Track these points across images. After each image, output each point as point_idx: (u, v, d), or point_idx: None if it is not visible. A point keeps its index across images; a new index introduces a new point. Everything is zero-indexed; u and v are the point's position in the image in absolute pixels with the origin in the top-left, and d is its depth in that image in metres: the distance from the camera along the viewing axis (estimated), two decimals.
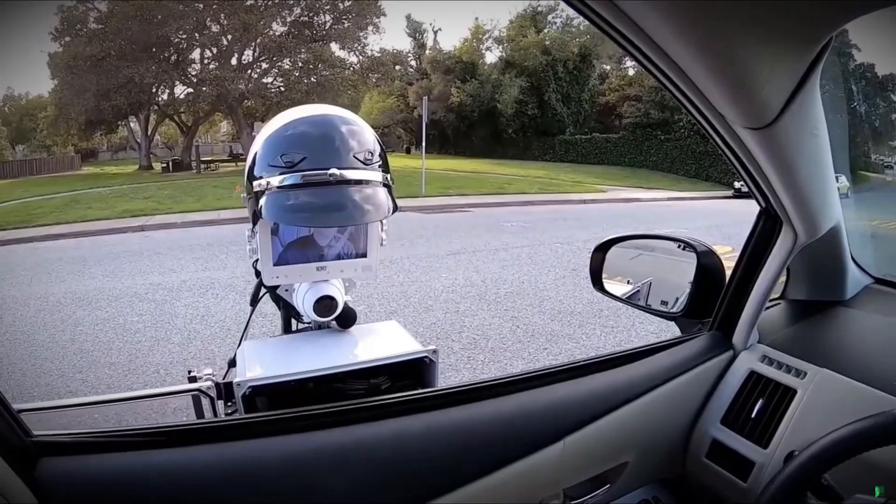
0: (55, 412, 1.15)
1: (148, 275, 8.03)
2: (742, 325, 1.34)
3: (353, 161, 1.20)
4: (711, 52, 0.67)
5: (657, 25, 0.66)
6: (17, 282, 7.89)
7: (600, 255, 1.62)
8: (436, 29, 51.38)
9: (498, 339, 5.27)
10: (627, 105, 34.75)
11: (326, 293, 1.31)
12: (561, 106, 36.78)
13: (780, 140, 0.87)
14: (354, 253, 1.37)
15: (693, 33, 0.64)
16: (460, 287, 7.12)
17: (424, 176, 18.52)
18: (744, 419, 1.24)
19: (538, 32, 37.62)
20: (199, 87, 30.01)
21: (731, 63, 0.68)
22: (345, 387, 1.22)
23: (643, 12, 0.64)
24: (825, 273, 1.43)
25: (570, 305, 6.35)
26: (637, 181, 26.06)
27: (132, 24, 27.04)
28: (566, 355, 4.88)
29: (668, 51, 0.71)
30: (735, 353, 1.35)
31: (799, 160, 0.95)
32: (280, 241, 1.31)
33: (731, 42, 0.64)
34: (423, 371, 1.30)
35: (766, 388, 1.25)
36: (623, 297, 1.61)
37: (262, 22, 28.90)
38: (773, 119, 0.80)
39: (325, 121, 1.26)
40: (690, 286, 1.42)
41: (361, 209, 1.18)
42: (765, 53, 0.66)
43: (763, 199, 1.13)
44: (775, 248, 1.23)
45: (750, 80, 0.72)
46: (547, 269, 8.09)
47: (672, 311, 1.49)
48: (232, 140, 44.44)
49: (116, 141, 53.38)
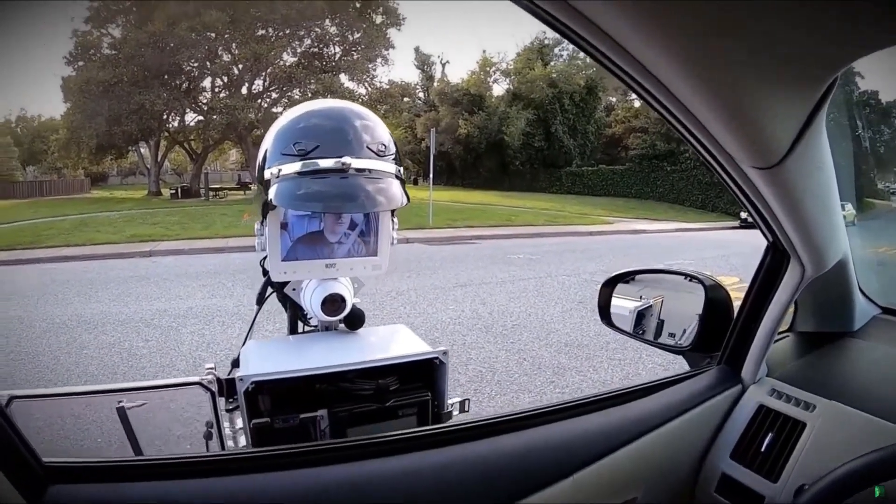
0: (52, 401, 1.12)
1: (154, 300, 8.03)
2: (751, 359, 1.33)
3: (366, 152, 1.19)
4: (716, 91, 0.67)
5: (659, 63, 0.65)
6: (24, 303, 7.90)
7: (608, 289, 1.62)
8: (444, 61, 52.27)
9: (504, 372, 5.22)
10: (633, 137, 34.92)
11: (335, 291, 1.29)
12: (567, 138, 37.03)
13: (787, 178, 0.86)
14: (364, 251, 1.35)
15: (696, 72, 0.63)
16: (467, 319, 7.07)
17: (432, 207, 18.58)
18: (753, 453, 1.22)
19: (545, 65, 38.06)
20: (210, 115, 30.35)
21: (737, 102, 0.68)
22: (352, 386, 1.20)
23: (643, 49, 0.63)
24: (832, 304, 1.43)
25: (577, 338, 6.30)
26: (643, 212, 26.05)
27: (145, 51, 27.57)
28: (573, 389, 4.83)
29: (671, 88, 0.70)
30: (744, 386, 1.34)
31: (806, 196, 0.95)
32: (289, 236, 1.29)
33: (737, 81, 0.63)
34: (433, 372, 1.28)
35: (775, 422, 1.23)
36: (631, 331, 1.60)
37: (272, 52, 29.36)
38: (781, 158, 0.80)
39: (338, 113, 1.25)
40: (698, 319, 1.41)
41: (374, 199, 1.18)
42: (771, 92, 0.66)
43: (770, 233, 1.13)
44: (783, 282, 1.22)
45: (757, 119, 0.71)
46: (554, 302, 8.05)
47: (680, 344, 1.48)
48: (241, 168, 44.82)
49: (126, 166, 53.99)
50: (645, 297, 1.63)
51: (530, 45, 39.57)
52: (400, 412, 1.22)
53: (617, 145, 37.98)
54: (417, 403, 1.25)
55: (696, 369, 1.40)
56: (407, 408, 1.23)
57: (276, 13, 28.68)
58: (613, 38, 0.62)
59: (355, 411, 1.19)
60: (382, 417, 1.21)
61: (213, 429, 1.26)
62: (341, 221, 1.31)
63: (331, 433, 1.16)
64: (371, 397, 1.21)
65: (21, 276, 10.23)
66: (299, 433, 1.15)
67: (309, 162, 1.16)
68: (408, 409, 1.23)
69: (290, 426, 1.14)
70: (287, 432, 1.14)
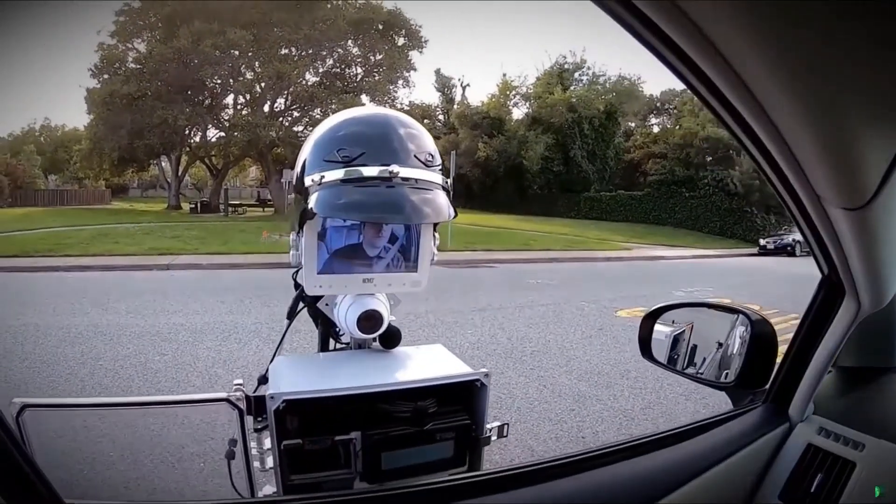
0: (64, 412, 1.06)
1: (172, 314, 8.03)
2: (799, 397, 1.29)
3: (413, 161, 1.15)
4: (816, 121, 0.59)
5: (761, 79, 0.56)
6: (41, 310, 7.92)
7: (649, 322, 1.56)
8: (464, 84, 52.76)
9: (524, 399, 5.14)
10: (652, 162, 35.17)
11: (373, 308, 1.24)
12: (586, 163, 37.17)
13: (870, 219, 0.80)
14: (404, 266, 1.30)
15: (799, 92, 0.55)
16: (485, 344, 7.02)
17: (451, 230, 18.60)
18: (803, 494, 1.17)
19: (564, 90, 38.33)
20: (231, 132, 30.92)
21: (834, 135, 0.61)
22: (390, 408, 1.15)
23: (747, 61, 0.54)
24: (876, 339, 1.40)
25: (597, 366, 6.22)
26: (662, 238, 26.11)
27: (169, 66, 28.26)
28: (594, 417, 4.74)
29: (770, 113, 0.62)
30: (791, 425, 1.30)
31: (886, 238, 0.89)
32: (326, 248, 1.23)
33: (837, 110, 0.56)
34: (473, 395, 1.23)
35: (824, 462, 1.19)
36: (671, 365, 1.54)
37: (295, 71, 29.86)
38: (868, 200, 0.73)
39: (383, 120, 1.21)
40: (742, 355, 1.36)
41: (420, 210, 1.13)
42: (868, 129, 0.59)
43: (829, 267, 1.08)
44: (837, 318, 1.18)
45: (852, 158, 0.65)
46: (573, 328, 7.97)
47: (723, 380, 1.42)
48: (260, 185, 45.38)
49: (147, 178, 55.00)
50: (685, 331, 1.57)
51: (550, 70, 39.96)
52: (438, 436, 1.16)
53: (636, 171, 38.17)
54: (456, 428, 1.18)
55: (740, 407, 1.36)
56: (445, 432, 1.17)
57: (300, 33, 29.25)
58: (715, 44, 0.52)
59: (391, 434, 1.12)
60: (419, 441, 1.14)
61: (236, 448, 1.19)
62: (381, 235, 1.26)
63: (364, 456, 1.10)
64: (408, 420, 1.14)
65: (39, 283, 10.34)
66: (331, 456, 1.10)
67: (353, 169, 1.11)
68: (446, 434, 1.17)
69: (322, 448, 1.08)
70: (318, 455, 1.08)
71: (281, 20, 29.16)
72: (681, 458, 1.16)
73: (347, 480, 1.11)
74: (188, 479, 3.29)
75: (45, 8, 38.04)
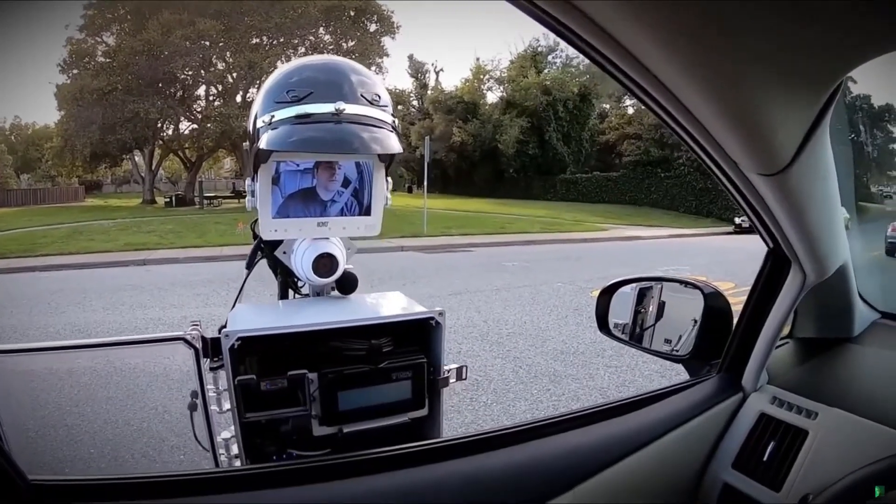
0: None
1: (149, 309, 7.97)
2: (751, 367, 1.32)
3: (361, 100, 1.17)
4: (720, 95, 0.65)
5: (662, 65, 0.63)
6: (18, 311, 7.82)
7: (606, 297, 1.61)
8: (438, 69, 52.15)
9: (500, 380, 5.18)
10: (627, 143, 35.08)
11: (326, 251, 1.26)
12: (561, 145, 37.13)
13: (791, 184, 0.85)
14: (358, 210, 1.32)
15: (700, 74, 0.62)
16: (462, 327, 7.02)
17: (426, 215, 18.52)
18: (755, 462, 1.21)
19: (538, 73, 38.23)
20: (204, 124, 30.41)
21: (742, 107, 0.67)
22: (343, 346, 1.16)
23: (646, 50, 0.62)
24: (832, 310, 1.42)
25: (573, 345, 6.28)
26: (638, 219, 26.07)
27: (139, 59, 27.63)
28: (569, 396, 4.80)
29: (674, 91, 0.69)
30: (745, 395, 1.33)
31: (810, 203, 0.94)
32: (281, 192, 1.25)
33: (741, 84, 0.62)
34: (429, 334, 1.25)
35: (777, 430, 1.23)
36: (628, 339, 1.59)
37: (267, 60, 29.37)
38: (786, 165, 0.79)
39: (333, 65, 1.23)
40: (696, 327, 1.40)
41: (368, 145, 1.15)
42: (776, 97, 0.64)
43: (771, 239, 1.12)
44: (784, 289, 1.22)
45: (762, 125, 0.70)
46: (549, 309, 8.01)
47: (678, 352, 1.47)
48: (235, 177, 44.79)
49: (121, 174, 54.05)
50: (641, 305, 1.62)
51: (524, 53, 39.79)
52: (394, 375, 1.18)
53: (611, 152, 38.06)
54: (412, 366, 1.20)
55: (695, 378, 1.38)
56: (401, 371, 1.18)
57: (271, 21, 28.79)
58: (615, 38, 0.61)
59: (346, 373, 1.13)
60: (374, 381, 1.16)
61: (198, 399, 1.21)
62: (335, 178, 1.28)
63: (320, 397, 1.12)
64: (363, 358, 1.16)
65: (15, 284, 10.15)
66: (287, 395, 1.11)
67: (302, 107, 1.13)
68: (402, 373, 1.18)
69: (278, 388, 1.09)
70: (274, 394, 1.10)
71: (251, 9, 28.67)
72: (634, 426, 1.19)
73: (304, 418, 1.13)
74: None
75: (9, 4, 37.04)
